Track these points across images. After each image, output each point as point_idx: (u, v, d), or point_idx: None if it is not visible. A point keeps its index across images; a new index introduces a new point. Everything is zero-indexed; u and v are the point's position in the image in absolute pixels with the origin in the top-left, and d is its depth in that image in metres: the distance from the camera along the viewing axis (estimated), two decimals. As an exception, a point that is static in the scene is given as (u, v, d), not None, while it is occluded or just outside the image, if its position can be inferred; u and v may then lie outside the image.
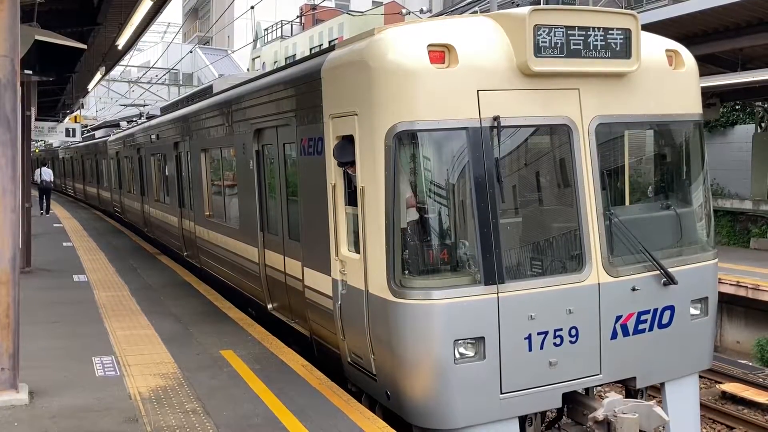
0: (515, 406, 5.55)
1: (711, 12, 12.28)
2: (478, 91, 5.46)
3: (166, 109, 15.63)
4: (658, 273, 6.01)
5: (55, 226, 20.61)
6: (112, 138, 22.66)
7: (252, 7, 26.61)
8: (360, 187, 5.72)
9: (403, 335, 5.38)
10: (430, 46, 5.39)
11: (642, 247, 5.96)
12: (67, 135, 22.85)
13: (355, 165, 5.85)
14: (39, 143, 42.35)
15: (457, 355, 5.33)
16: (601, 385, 6.33)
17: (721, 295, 12.57)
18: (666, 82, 6.30)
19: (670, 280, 6.01)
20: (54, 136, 23.83)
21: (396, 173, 5.40)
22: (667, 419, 5.91)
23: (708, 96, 16.04)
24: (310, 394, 6.09)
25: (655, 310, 6.06)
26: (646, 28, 12.86)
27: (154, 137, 14.95)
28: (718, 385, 10.68)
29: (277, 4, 54.63)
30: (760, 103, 17.62)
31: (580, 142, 5.79)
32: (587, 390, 6.14)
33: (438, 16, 30.92)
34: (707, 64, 14.38)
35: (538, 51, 5.49)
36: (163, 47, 50.82)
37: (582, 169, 5.79)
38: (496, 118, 5.43)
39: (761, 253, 15.77)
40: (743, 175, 17.79)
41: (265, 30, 58.07)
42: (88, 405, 5.79)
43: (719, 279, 12.13)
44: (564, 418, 6.32)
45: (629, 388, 6.29)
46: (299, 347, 7.62)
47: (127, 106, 35.18)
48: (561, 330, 5.63)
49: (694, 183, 6.68)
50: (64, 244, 16.18)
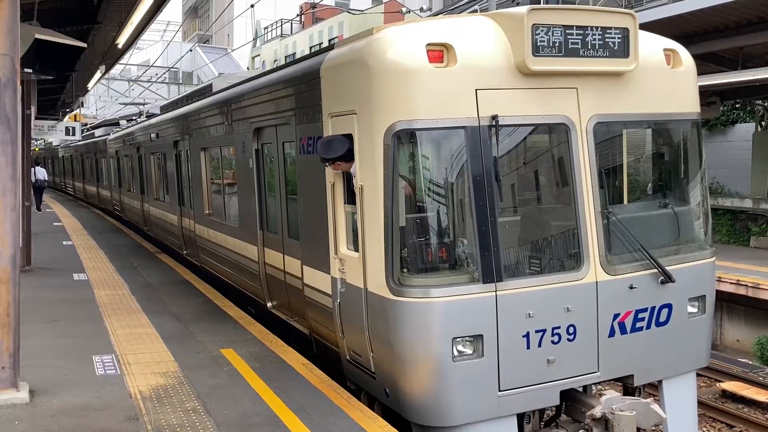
0: (513, 404, 5.59)
1: (711, 10, 12.28)
2: (476, 90, 5.48)
3: (165, 108, 15.64)
4: (656, 271, 6.04)
5: (54, 224, 20.61)
6: (112, 137, 22.66)
7: (252, 6, 26.58)
8: (359, 186, 5.74)
9: (402, 333, 5.41)
10: (428, 45, 5.41)
11: (640, 245, 5.98)
12: (67, 134, 22.84)
13: (342, 161, 5.93)
14: (39, 142, 42.33)
15: (455, 353, 5.36)
16: (599, 383, 6.27)
17: (721, 293, 12.64)
18: (664, 81, 6.31)
19: (668, 279, 6.04)
20: (54, 134, 23.82)
21: (395, 172, 5.43)
22: (664, 416, 5.94)
23: (708, 94, 16.05)
24: (310, 393, 6.09)
25: (653, 308, 6.09)
26: (646, 26, 12.86)
27: (153, 136, 14.98)
28: (718, 384, 10.69)
29: (276, 2, 54.56)
30: (761, 102, 17.62)
31: (578, 141, 5.82)
32: (585, 388, 6.18)
33: (438, 14, 30.92)
34: (707, 63, 14.38)
35: (537, 50, 5.52)
36: (162, 46, 50.82)
37: (580, 167, 5.82)
38: (495, 117, 5.46)
39: (761, 251, 15.78)
40: (743, 174, 17.79)
41: (264, 28, 58.04)
42: (89, 403, 5.79)
43: (719, 278, 12.23)
44: (563, 415, 6.31)
45: (627, 386, 6.34)
46: (299, 345, 7.63)
47: (126, 104, 35.16)
48: (559, 328, 5.66)
49: (691, 182, 6.72)
50: (64, 243, 16.19)
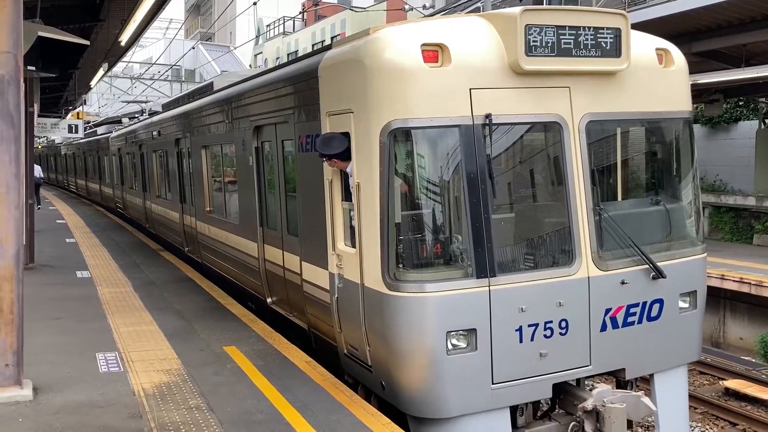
0: (506, 396, 5.67)
1: (714, 8, 12.24)
2: (470, 89, 5.56)
3: (167, 106, 15.71)
4: (647, 267, 6.12)
5: (57, 222, 20.64)
6: (114, 134, 22.68)
7: (254, 3, 26.59)
8: (355, 183, 5.83)
9: (397, 327, 5.50)
10: (424, 45, 5.48)
11: (631, 241, 6.07)
12: (70, 131, 22.82)
13: (339, 158, 6.04)
14: (41, 140, 42.38)
15: (449, 347, 5.45)
16: (591, 377, 6.34)
17: (724, 291, 12.63)
18: (656, 80, 6.39)
19: (659, 274, 6.12)
20: (57, 132, 23.81)
21: (390, 169, 5.51)
22: (654, 409, 6.05)
23: (711, 92, 16.02)
24: (313, 390, 6.10)
25: (644, 303, 6.18)
26: (649, 24, 12.86)
27: (155, 134, 15.06)
28: (721, 382, 10.68)
29: (279, 0, 54.57)
30: (764, 99, 17.57)
31: (571, 139, 5.90)
32: (579, 381, 6.25)
33: (441, 12, 30.87)
34: (711, 60, 14.34)
35: (530, 50, 5.60)
36: (165, 43, 50.81)
37: (572, 165, 5.91)
38: (488, 116, 5.54)
39: (764, 249, 15.75)
40: (747, 172, 17.75)
41: (267, 26, 58.01)
42: (92, 401, 5.80)
43: (723, 275, 12.22)
44: (556, 408, 6.38)
45: (619, 380, 6.40)
46: (298, 340, 7.72)
47: (129, 102, 35.23)
48: (551, 322, 5.75)
49: (683, 179, 6.80)
50: (67, 240, 16.21)
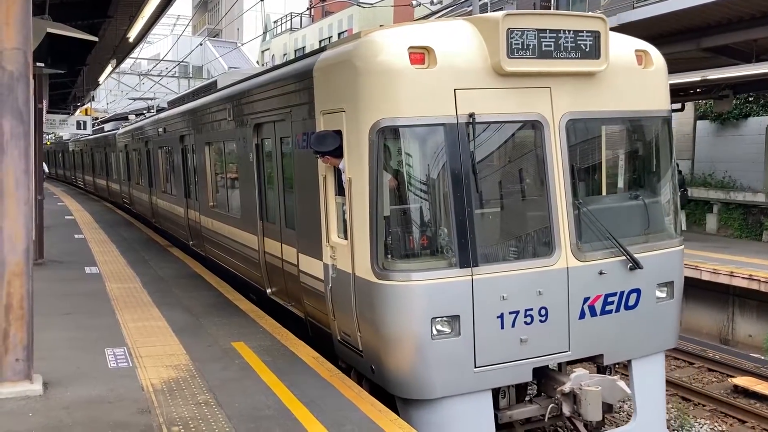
0: (488, 379, 5.97)
1: (725, 3, 12.16)
2: (455, 89, 5.84)
3: (173, 103, 15.97)
4: (625, 258, 6.39)
5: (66, 218, 20.73)
6: (121, 131, 22.90)
7: (261, 0, 26.56)
8: (347, 179, 6.13)
9: (386, 314, 5.81)
10: (411, 48, 5.77)
11: (609, 234, 6.35)
12: (78, 128, 22.87)
13: (332, 155, 6.34)
14: (50, 136, 42.55)
15: (434, 332, 5.76)
16: (571, 362, 6.55)
17: (733, 288, 12.58)
18: (635, 80, 6.66)
19: (636, 265, 6.41)
20: (65, 128, 23.88)
21: (379, 165, 5.82)
22: (628, 392, 6.32)
23: (721, 88, 15.91)
24: (321, 386, 6.11)
25: (622, 293, 6.46)
26: (658, 20, 12.78)
27: (161, 130, 15.33)
28: (730, 379, 10.64)
29: (286, -4, 54.58)
30: (774, 95, 17.47)
31: (551, 137, 6.18)
32: (561, 367, 6.50)
33: (448, 8, 30.80)
34: (721, 56, 14.25)
35: (511, 52, 5.88)
36: (172, 40, 50.88)
37: (552, 162, 6.19)
38: (472, 115, 5.83)
39: (774, 246, 15.66)
40: (757, 168, 17.64)
41: (274, 22, 58.02)
42: (102, 396, 5.83)
43: (732, 272, 12.18)
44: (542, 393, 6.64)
45: (598, 365, 6.69)
46: (296, 328, 7.96)
47: (135, 99, 35.41)
48: (531, 310, 6.04)
49: (661, 175, 7.07)
50: (76, 236, 16.27)
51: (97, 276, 11.19)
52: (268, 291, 8.91)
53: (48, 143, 44.35)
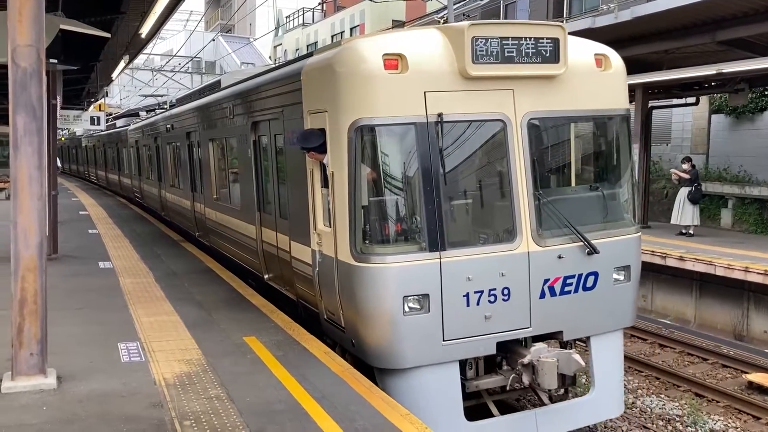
0: (455, 352, 6.58)
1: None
2: (425, 92, 6.45)
3: (180, 101, 16.56)
4: (583, 243, 6.98)
5: (80, 213, 20.88)
6: (132, 127, 23.35)
7: (273, -5, 26.54)
8: (330, 172, 6.75)
9: (363, 293, 6.44)
10: (385, 55, 6.38)
11: (567, 222, 6.94)
12: (92, 123, 23.00)
13: (317, 151, 6.99)
14: (64, 131, 42.82)
15: (406, 309, 6.38)
16: (536, 338, 7.07)
17: (748, 284, 12.46)
18: (594, 81, 7.24)
19: (593, 250, 7.00)
20: (79, 124, 24.01)
21: (357, 160, 6.41)
22: (582, 364, 6.81)
23: (737, 81, 15.75)
24: (332, 381, 6.12)
25: (580, 275, 7.05)
26: (670, 13, 12.64)
27: (169, 127, 15.93)
28: (744, 375, 10.56)
29: (298, -9, 54.55)
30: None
31: (514, 134, 6.77)
32: (526, 342, 7.00)
33: (458, 1, 30.66)
34: (736, 49, 14.10)
35: (476, 58, 6.48)
36: (185, 35, 51.05)
37: (515, 157, 6.77)
38: (440, 115, 6.44)
39: (790, 241, 15.50)
40: (772, 162, 17.49)
41: (286, 17, 58.03)
42: (115, 390, 5.87)
43: (746, 268, 12.07)
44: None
45: (559, 341, 7.19)
46: (290, 310, 8.55)
47: (147, 96, 35.73)
48: (495, 290, 6.65)
49: (619, 168, 7.67)
50: (90, 231, 16.39)
51: (111, 271, 11.27)
52: (266, 277, 9.50)
53: (62, 139, 44.65)
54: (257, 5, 45.35)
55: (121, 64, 20.77)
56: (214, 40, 45.48)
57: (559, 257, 6.91)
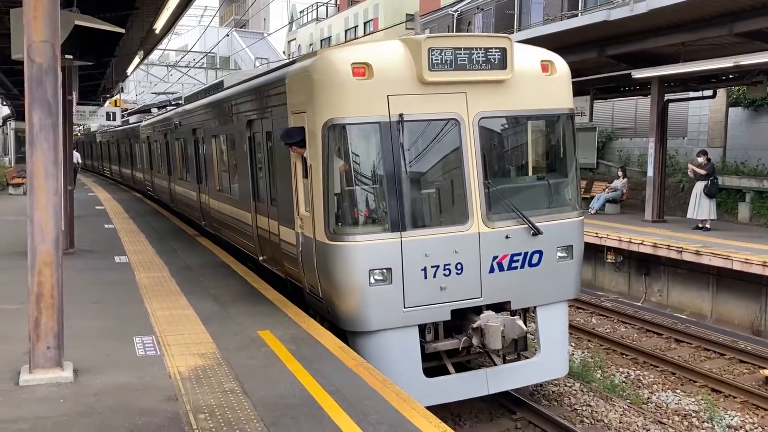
0: (414, 317, 7.59)
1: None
2: (388, 95, 7.45)
3: (188, 99, 17.58)
4: (528, 226, 7.95)
5: (97, 208, 21.05)
6: (144, 123, 24.10)
7: (287, -10, 26.54)
8: (309, 164, 7.77)
9: (336, 267, 7.49)
10: (353, 63, 7.39)
11: (513, 207, 7.94)
12: (108, 119, 23.16)
13: (298, 146, 7.95)
14: (83, 126, 43.13)
15: (372, 281, 7.40)
16: (488, 307, 7.92)
17: (766, 278, 12.32)
18: (539, 84, 8.21)
19: (537, 231, 8.00)
20: (95, 119, 24.20)
21: (330, 154, 7.45)
22: (525, 329, 7.78)
23: (755, 74, 15.56)
24: (345, 375, 6.13)
25: (526, 253, 8.04)
26: (686, 6, 12.47)
27: (177, 124, 17.02)
28: (761, 371, 10.45)
29: (312, -15, 54.47)
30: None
31: (467, 131, 7.76)
32: (480, 310, 7.84)
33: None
34: (754, 41, 13.91)
35: (432, 66, 7.50)
36: (200, 31, 51.18)
37: (467, 151, 7.76)
38: (401, 115, 7.44)
39: (809, 235, 15.29)
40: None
41: (300, 12, 58.05)
42: (130, 383, 5.92)
43: (765, 262, 11.94)
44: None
45: (508, 310, 8.05)
46: (280, 287, 9.48)
47: (158, 94, 36.28)
48: (449, 264, 7.64)
49: (563, 160, 8.67)
50: (106, 226, 16.52)
51: (127, 265, 11.36)
52: (260, 258, 10.59)
53: (78, 135, 44.98)
54: (271, 0, 45.37)
55: (136, 60, 20.85)
56: (228, 36, 45.60)
57: (507, 237, 7.90)
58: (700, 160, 15.77)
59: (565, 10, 27.03)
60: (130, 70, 23.71)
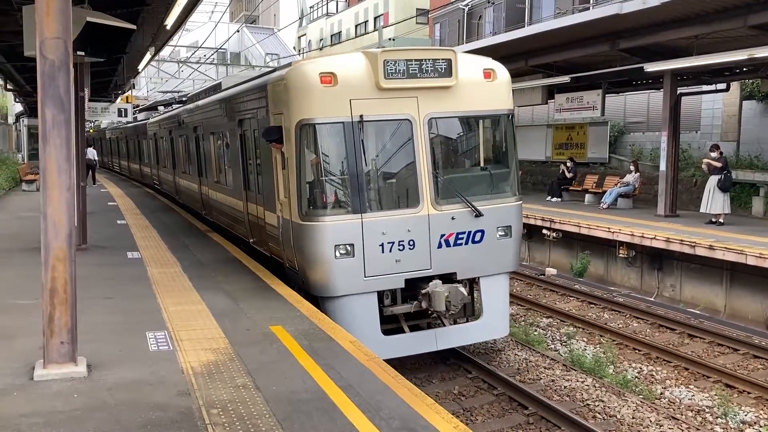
0: (374, 285, 8.97)
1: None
2: (350, 100, 8.84)
3: (191, 98, 18.54)
4: (470, 209, 9.35)
5: (109, 204, 21.16)
6: (151, 120, 25.08)
7: (297, -15, 26.52)
8: (286, 158, 9.16)
9: (307, 244, 8.89)
10: (321, 73, 8.78)
11: (458, 193, 9.33)
12: (120, 115, 23.34)
13: (277, 142, 9.31)
14: (93, 123, 43.36)
15: (337, 254, 8.78)
16: (435, 277, 9.20)
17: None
18: (481, 89, 9.62)
19: (478, 213, 9.40)
20: (107, 116, 24.36)
21: (302, 149, 8.88)
22: (466, 295, 9.30)
23: (766, 68, 15.38)
24: (357, 370, 6.14)
25: (469, 232, 9.44)
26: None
27: (180, 121, 18.38)
28: (775, 366, 10.36)
29: (322, -19, 54.36)
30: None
31: (418, 130, 9.17)
32: (431, 280, 9.12)
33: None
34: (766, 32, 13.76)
35: (387, 75, 8.92)
36: (211, 27, 51.25)
37: (419, 145, 9.18)
38: (361, 116, 8.85)
39: (824, 229, 15.14)
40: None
41: (310, 8, 57.99)
42: (143, 378, 5.95)
43: (778, 256, 11.82)
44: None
45: (455, 280, 9.35)
46: (266, 264, 10.84)
47: (166, 92, 36.94)
48: (403, 241, 9.03)
49: (503, 153, 10.16)
50: (118, 222, 16.60)
51: (139, 261, 11.41)
52: (251, 241, 11.95)
53: (91, 131, 45.22)
54: (281, -4, 45.27)
55: (147, 56, 20.94)
56: (238, 32, 45.64)
57: (452, 218, 9.29)
58: (713, 154, 15.62)
59: (576, 4, 26.85)
60: (141, 67, 23.79)
